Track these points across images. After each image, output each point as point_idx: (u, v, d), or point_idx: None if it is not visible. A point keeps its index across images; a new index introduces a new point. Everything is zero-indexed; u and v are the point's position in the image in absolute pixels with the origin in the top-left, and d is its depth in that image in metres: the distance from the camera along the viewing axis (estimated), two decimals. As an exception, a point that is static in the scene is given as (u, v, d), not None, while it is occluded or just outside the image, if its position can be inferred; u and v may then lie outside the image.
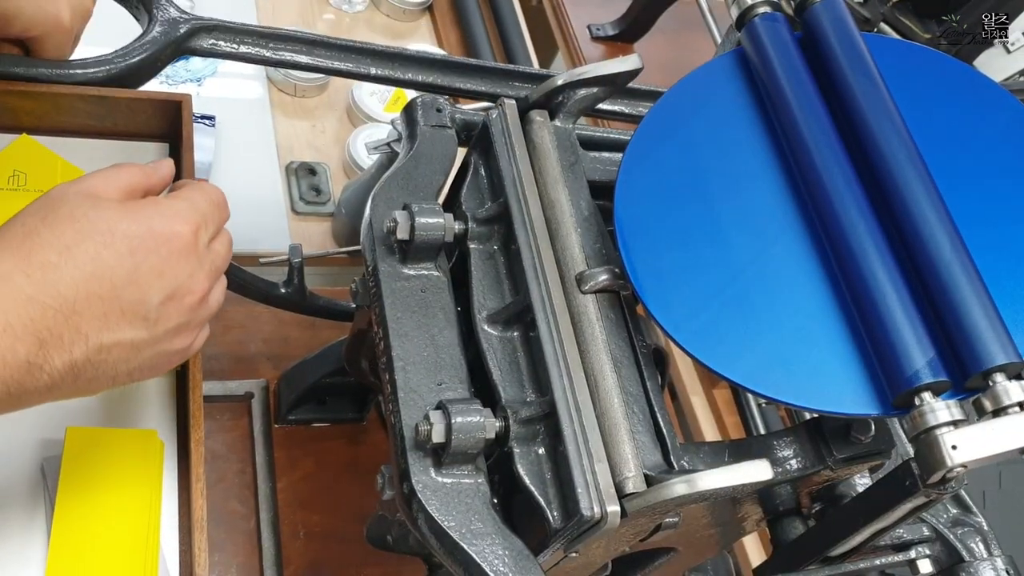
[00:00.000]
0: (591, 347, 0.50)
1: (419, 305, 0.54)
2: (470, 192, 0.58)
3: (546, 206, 0.54)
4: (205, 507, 0.53)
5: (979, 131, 0.53)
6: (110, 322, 0.46)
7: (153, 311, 0.47)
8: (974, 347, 0.43)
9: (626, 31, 1.23)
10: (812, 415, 0.53)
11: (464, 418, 0.47)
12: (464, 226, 0.56)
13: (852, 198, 0.48)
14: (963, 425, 0.42)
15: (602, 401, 0.48)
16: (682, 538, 0.55)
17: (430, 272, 0.55)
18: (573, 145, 0.58)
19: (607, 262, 0.53)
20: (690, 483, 0.44)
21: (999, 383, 0.43)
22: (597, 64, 0.58)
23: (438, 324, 0.53)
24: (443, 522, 0.47)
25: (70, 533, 0.54)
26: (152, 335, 0.48)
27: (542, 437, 0.49)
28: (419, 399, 0.50)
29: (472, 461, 0.49)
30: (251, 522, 0.76)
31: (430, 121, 0.60)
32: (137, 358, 0.48)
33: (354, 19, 1.15)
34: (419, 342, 0.52)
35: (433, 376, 0.52)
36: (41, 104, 0.66)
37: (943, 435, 0.42)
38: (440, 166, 0.58)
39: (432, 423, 0.47)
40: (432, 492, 0.48)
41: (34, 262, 0.44)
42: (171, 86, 0.98)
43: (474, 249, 0.56)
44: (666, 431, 0.49)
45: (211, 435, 0.77)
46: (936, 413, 0.42)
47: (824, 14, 0.54)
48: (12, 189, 0.67)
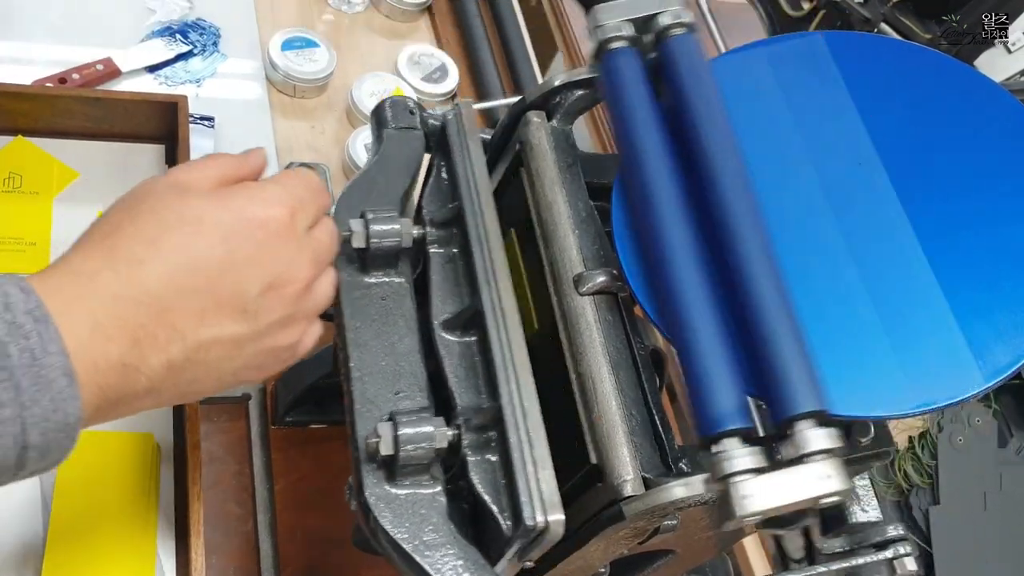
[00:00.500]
0: (589, 349, 0.49)
1: (379, 313, 0.53)
2: (431, 195, 0.57)
3: (543, 207, 0.54)
4: (201, 510, 0.53)
5: (977, 132, 0.52)
6: (207, 317, 0.43)
7: (252, 303, 0.44)
8: (779, 394, 0.42)
9: (626, 31, 1.22)
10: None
11: (412, 429, 0.47)
12: (423, 230, 0.55)
13: (678, 236, 0.46)
14: (766, 473, 0.41)
15: (600, 403, 0.48)
16: (681, 540, 0.55)
17: (391, 279, 0.54)
18: (571, 146, 0.58)
19: (605, 264, 0.53)
20: (689, 486, 0.43)
21: (799, 432, 0.41)
22: (595, 65, 0.58)
23: (398, 332, 0.53)
24: (395, 534, 0.47)
25: (66, 535, 0.54)
26: (254, 329, 0.45)
27: (495, 444, 0.49)
28: (376, 410, 0.50)
29: (427, 471, 0.48)
30: (248, 524, 0.76)
31: (399, 123, 0.59)
32: (241, 355, 0.45)
33: (353, 19, 1.14)
34: (377, 351, 0.52)
35: (391, 386, 0.51)
36: (37, 106, 0.66)
37: (737, 484, 0.41)
38: (406, 169, 0.57)
39: (380, 436, 0.47)
40: (385, 504, 0.47)
41: (119, 258, 0.41)
42: (170, 87, 0.98)
43: (434, 253, 0.55)
44: (664, 433, 0.49)
45: (208, 437, 0.77)
46: (733, 461, 0.41)
47: (677, 48, 0.52)
48: (8, 191, 0.67)
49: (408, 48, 1.10)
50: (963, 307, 0.46)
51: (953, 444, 0.97)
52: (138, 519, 0.55)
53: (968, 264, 0.47)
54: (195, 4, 1.05)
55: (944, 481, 0.95)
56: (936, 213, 0.49)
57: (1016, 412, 1.02)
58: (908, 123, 0.51)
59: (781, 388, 0.42)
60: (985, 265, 0.47)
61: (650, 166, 0.48)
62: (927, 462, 0.97)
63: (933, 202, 0.49)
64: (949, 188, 0.49)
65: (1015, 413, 1.02)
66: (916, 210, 0.49)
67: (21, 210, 0.66)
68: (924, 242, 0.48)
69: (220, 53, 1.03)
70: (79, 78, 0.91)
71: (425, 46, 1.13)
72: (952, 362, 0.45)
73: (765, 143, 0.52)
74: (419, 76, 1.08)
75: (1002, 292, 0.46)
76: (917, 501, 0.96)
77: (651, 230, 0.47)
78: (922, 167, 0.50)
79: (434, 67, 1.10)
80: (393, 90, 1.04)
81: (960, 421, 0.97)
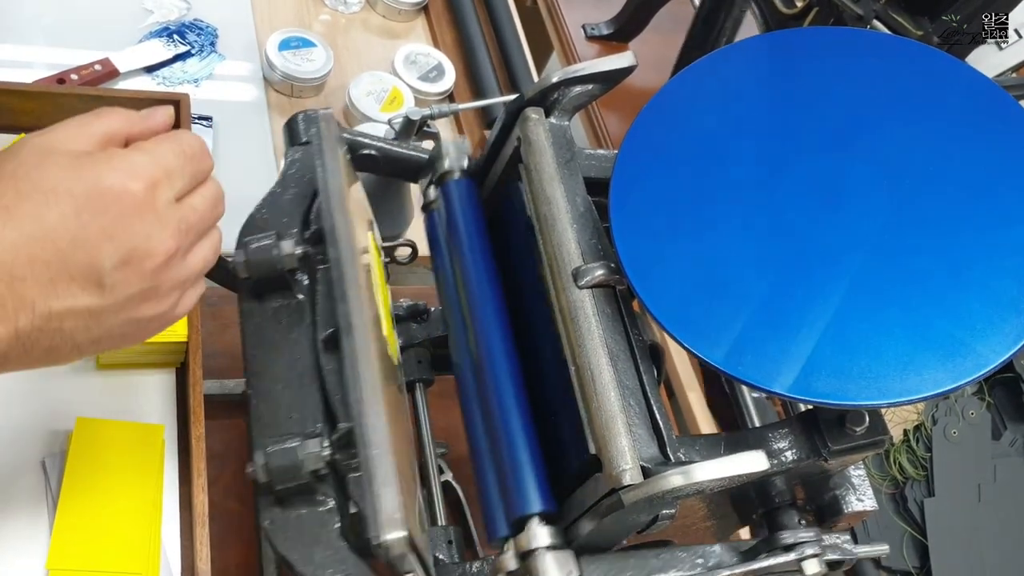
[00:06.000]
0: (588, 341, 0.50)
1: (280, 336, 0.53)
2: (317, 210, 0.56)
3: (542, 202, 0.55)
4: (206, 502, 0.54)
5: (968, 125, 0.53)
6: (59, 288, 0.42)
7: (108, 276, 0.43)
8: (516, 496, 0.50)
9: (620, 30, 1.23)
10: (807, 407, 0.53)
11: (281, 456, 0.47)
12: (306, 248, 0.54)
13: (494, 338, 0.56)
14: None
15: (599, 395, 0.48)
16: (679, 531, 0.56)
17: (288, 300, 0.54)
18: (569, 142, 0.59)
19: (603, 258, 0.53)
20: (686, 474, 0.44)
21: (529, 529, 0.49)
22: (592, 61, 0.58)
23: (296, 353, 0.52)
24: (288, 556, 0.47)
25: (74, 518, 0.54)
26: (111, 302, 0.44)
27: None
28: (272, 434, 0.50)
29: (312, 492, 0.48)
30: (250, 521, 0.76)
31: (305, 138, 0.58)
32: (99, 327, 0.44)
33: (350, 19, 1.15)
34: (274, 377, 0.51)
35: (287, 411, 0.51)
36: (41, 104, 0.67)
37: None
38: (309, 185, 0.57)
39: (255, 464, 0.47)
40: (280, 528, 0.48)
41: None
42: (168, 88, 0.99)
43: (321, 270, 0.55)
44: (662, 424, 0.50)
45: (209, 434, 0.77)
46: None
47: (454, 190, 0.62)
48: (11, 189, 0.67)
49: (404, 47, 1.11)
50: (956, 295, 0.47)
51: (947, 437, 0.98)
52: (145, 510, 0.56)
53: (960, 253, 0.48)
54: (192, 5, 1.06)
55: (939, 473, 0.96)
56: (929, 205, 0.50)
57: (1009, 405, 1.03)
58: (898, 120, 0.52)
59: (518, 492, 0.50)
60: (978, 254, 0.47)
61: (478, 289, 0.58)
62: (922, 455, 0.98)
63: (925, 194, 0.50)
64: (943, 180, 0.50)
65: (1008, 406, 1.03)
66: (908, 201, 0.50)
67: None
68: (920, 231, 0.48)
69: (217, 53, 1.04)
70: (77, 79, 0.91)
71: (421, 45, 1.13)
72: (946, 351, 0.46)
73: (761, 135, 0.53)
74: (415, 75, 1.09)
75: (994, 281, 0.47)
76: (912, 493, 0.97)
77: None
78: (918, 160, 0.51)
79: (430, 66, 1.11)
80: (390, 89, 1.05)
81: (954, 414, 0.98)
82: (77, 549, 0.53)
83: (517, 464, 0.52)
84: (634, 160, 0.54)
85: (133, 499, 0.56)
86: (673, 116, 0.55)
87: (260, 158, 0.98)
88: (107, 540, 0.54)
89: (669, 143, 0.54)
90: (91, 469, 0.56)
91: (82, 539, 0.54)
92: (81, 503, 0.55)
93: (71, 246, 0.42)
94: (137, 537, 0.55)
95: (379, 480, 0.42)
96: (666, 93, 0.56)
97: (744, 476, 0.44)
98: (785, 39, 0.58)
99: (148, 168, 0.44)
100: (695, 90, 0.56)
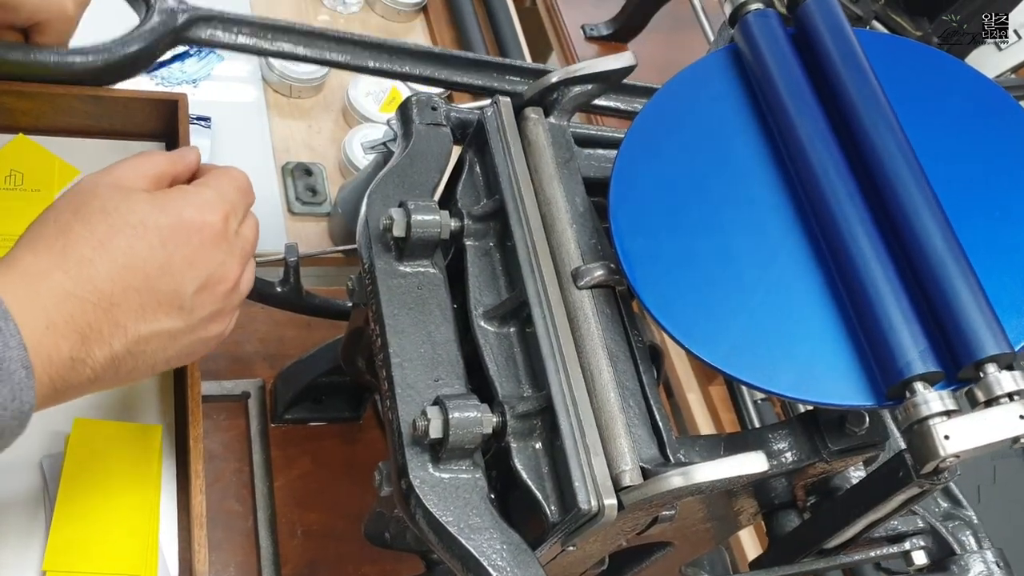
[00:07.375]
0: (587, 342, 0.50)
1: (415, 302, 0.54)
2: (465, 189, 0.58)
3: (541, 202, 0.55)
4: (204, 503, 0.54)
5: (969, 126, 0.53)
6: (147, 313, 0.47)
7: (188, 300, 0.48)
8: (966, 338, 0.44)
9: (620, 31, 1.23)
10: (807, 408, 0.53)
11: (461, 413, 0.48)
12: (460, 223, 0.56)
13: (845, 192, 0.48)
14: (956, 415, 0.43)
15: (599, 395, 0.48)
16: (678, 532, 0.56)
17: (426, 269, 0.55)
18: (568, 142, 0.58)
19: (602, 258, 0.53)
20: (686, 475, 0.44)
21: (990, 374, 0.43)
22: (591, 61, 0.58)
23: (435, 321, 0.54)
24: (441, 517, 0.47)
25: (70, 523, 0.54)
26: (188, 324, 0.49)
27: (539, 432, 0.50)
28: (416, 395, 0.51)
29: (470, 456, 0.49)
30: (248, 521, 0.76)
31: (425, 119, 0.60)
32: (174, 346, 0.49)
33: (349, 20, 1.15)
34: (416, 339, 0.53)
35: (430, 372, 0.52)
36: (38, 104, 0.66)
37: (935, 425, 0.42)
38: (436, 164, 0.59)
39: (429, 419, 0.48)
40: (430, 488, 0.48)
41: (70, 258, 0.45)
42: (166, 88, 0.98)
43: (470, 246, 0.56)
44: (662, 425, 0.49)
45: (208, 435, 0.77)
46: (929, 404, 0.43)
47: (817, 11, 0.55)
48: (9, 189, 0.67)
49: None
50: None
51: (947, 438, 0.97)
52: (143, 511, 0.56)
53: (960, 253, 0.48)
54: (190, 2, 1.06)
55: (938, 474, 0.96)
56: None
57: (1009, 406, 1.02)
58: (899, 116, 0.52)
59: (968, 333, 0.44)
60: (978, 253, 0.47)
61: (808, 131, 0.51)
62: (921, 456, 0.98)
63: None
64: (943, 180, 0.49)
65: (1008, 407, 1.02)
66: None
67: (22, 208, 0.66)
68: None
69: (216, 54, 1.03)
70: (76, 79, 0.91)
71: (420, 46, 1.13)
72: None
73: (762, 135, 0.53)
74: (415, 76, 1.09)
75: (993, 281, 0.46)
76: (912, 495, 0.96)
77: (821, 197, 0.49)
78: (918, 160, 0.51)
79: (430, 67, 1.10)
80: (389, 90, 1.05)
81: (953, 415, 0.98)
82: (75, 550, 0.53)
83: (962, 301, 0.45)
84: (633, 160, 0.53)
85: (131, 500, 0.56)
86: (673, 116, 0.55)
87: (259, 159, 0.98)
88: (105, 541, 0.54)
89: (669, 143, 0.54)
90: (89, 470, 0.56)
91: (80, 540, 0.54)
92: (79, 504, 0.55)
93: (159, 273, 0.47)
94: (135, 538, 0.55)
95: (590, 449, 0.46)
96: (667, 93, 0.56)
97: (744, 477, 0.44)
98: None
99: (220, 203, 0.50)
100: (695, 90, 0.56)
